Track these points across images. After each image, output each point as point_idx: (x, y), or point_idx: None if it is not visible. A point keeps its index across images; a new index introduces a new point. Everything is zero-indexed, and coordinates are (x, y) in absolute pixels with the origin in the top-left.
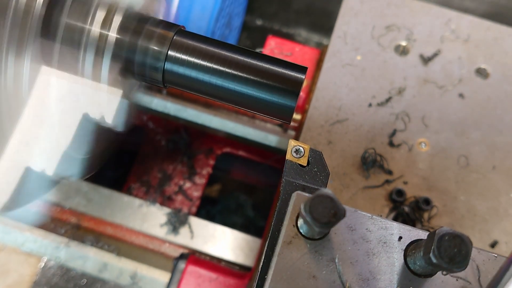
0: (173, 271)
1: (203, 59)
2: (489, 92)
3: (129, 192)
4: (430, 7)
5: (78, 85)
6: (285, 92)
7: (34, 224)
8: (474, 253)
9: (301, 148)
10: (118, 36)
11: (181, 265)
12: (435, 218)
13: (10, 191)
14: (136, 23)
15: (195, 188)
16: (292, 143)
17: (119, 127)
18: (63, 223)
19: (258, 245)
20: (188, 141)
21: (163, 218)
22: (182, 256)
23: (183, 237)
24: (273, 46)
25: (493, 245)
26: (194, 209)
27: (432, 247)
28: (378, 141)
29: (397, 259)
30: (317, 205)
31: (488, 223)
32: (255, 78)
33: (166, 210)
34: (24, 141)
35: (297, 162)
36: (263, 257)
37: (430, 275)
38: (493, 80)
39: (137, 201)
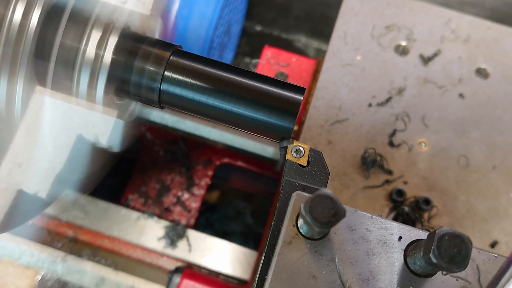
0: (168, 285)
1: (200, 79)
2: (489, 92)
3: (126, 203)
4: (430, 7)
5: (73, 105)
6: (283, 113)
7: (31, 238)
8: (474, 253)
9: (301, 148)
10: (114, 57)
11: (176, 279)
12: (435, 218)
13: (1, 214)
14: (132, 43)
15: (193, 199)
16: (293, 143)
17: (115, 148)
18: (60, 236)
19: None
20: (186, 152)
21: (160, 231)
22: (177, 270)
23: (181, 251)
24: (269, 57)
25: (493, 245)
26: (192, 221)
27: (432, 247)
28: (378, 141)
29: (397, 259)
30: (317, 205)
31: (488, 223)
32: (253, 99)
33: (164, 223)
34: (16, 163)
35: (297, 162)
36: (263, 257)
37: (430, 275)
38: (493, 80)
39: (134, 214)
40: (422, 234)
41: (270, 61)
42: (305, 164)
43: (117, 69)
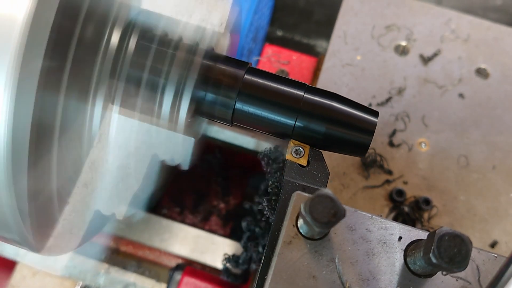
0: (168, 282)
1: (274, 97)
2: (489, 92)
3: (162, 212)
4: (430, 7)
5: (154, 126)
6: (360, 132)
7: (98, 258)
8: (474, 253)
9: (301, 148)
10: (197, 77)
11: (177, 276)
12: (435, 218)
13: (80, 235)
14: (210, 62)
15: (229, 209)
16: (292, 143)
17: (185, 165)
18: (103, 247)
19: None
20: (222, 161)
21: (201, 242)
22: (178, 267)
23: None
24: (270, 55)
25: (493, 245)
26: (228, 231)
27: (432, 247)
28: (378, 141)
29: (397, 259)
30: (317, 205)
31: (488, 223)
32: (328, 117)
33: (205, 233)
34: (95, 184)
35: (297, 162)
36: (263, 257)
37: (430, 275)
38: (493, 80)
39: (175, 224)
40: (422, 234)
41: (271, 59)
42: (305, 164)
43: (198, 89)
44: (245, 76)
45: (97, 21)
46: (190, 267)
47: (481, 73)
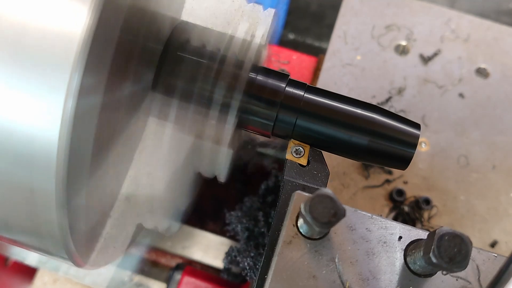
0: (168, 282)
1: (315, 109)
2: (489, 92)
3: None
4: (430, 7)
5: (199, 140)
6: (403, 145)
7: (122, 266)
8: (474, 253)
9: (301, 148)
10: (244, 91)
11: (177, 276)
12: (435, 218)
13: (123, 249)
14: (253, 74)
15: None
16: (292, 143)
17: (223, 177)
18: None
19: None
20: (241, 166)
21: (224, 249)
22: (178, 267)
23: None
24: (270, 54)
25: (493, 245)
26: None
27: (432, 247)
28: None
29: (397, 259)
30: (317, 205)
31: (488, 223)
32: (371, 130)
33: (228, 241)
34: (137, 198)
35: (297, 161)
36: (263, 257)
37: (430, 275)
38: (493, 80)
39: (197, 232)
40: (422, 234)
41: (271, 59)
42: (305, 164)
43: (242, 102)
44: (286, 88)
45: (152, 38)
46: (190, 266)
47: (481, 73)
